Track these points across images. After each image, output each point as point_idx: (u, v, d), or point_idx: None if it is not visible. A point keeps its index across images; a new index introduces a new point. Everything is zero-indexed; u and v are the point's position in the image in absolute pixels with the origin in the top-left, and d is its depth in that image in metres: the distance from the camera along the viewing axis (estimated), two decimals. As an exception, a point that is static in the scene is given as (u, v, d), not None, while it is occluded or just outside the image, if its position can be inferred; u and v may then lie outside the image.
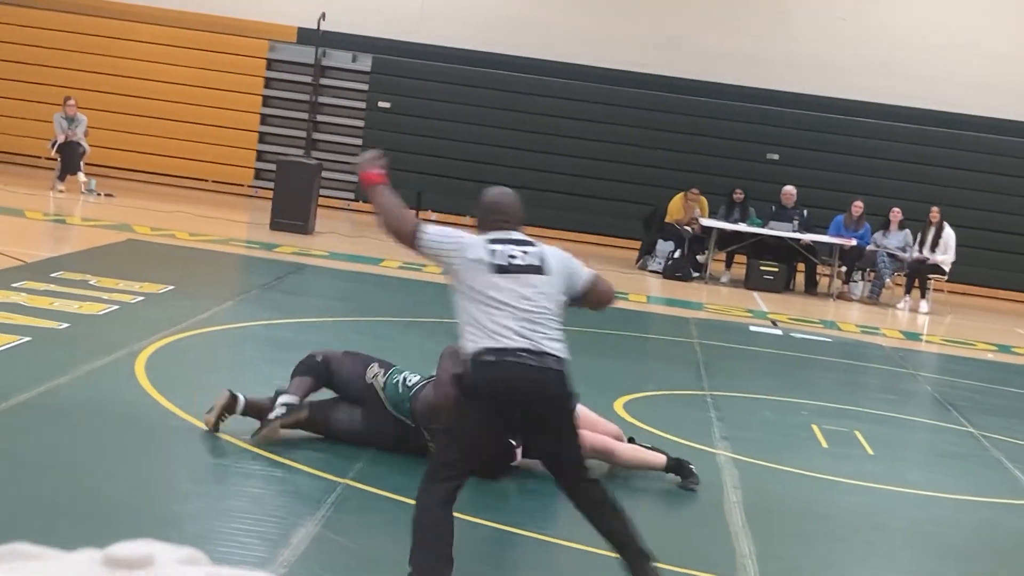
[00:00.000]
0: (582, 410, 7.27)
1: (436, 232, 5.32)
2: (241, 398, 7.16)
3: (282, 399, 7.14)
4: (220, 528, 5.82)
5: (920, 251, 19.29)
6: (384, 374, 7.33)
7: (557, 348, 5.27)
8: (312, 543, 5.74)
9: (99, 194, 19.94)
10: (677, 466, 7.63)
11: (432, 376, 7.27)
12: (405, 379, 7.29)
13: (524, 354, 5.15)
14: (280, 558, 5.50)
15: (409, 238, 5.28)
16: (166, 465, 6.76)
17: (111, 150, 22.64)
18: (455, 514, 5.17)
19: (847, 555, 6.80)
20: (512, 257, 5.31)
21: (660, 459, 7.64)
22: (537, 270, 5.34)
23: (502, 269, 5.26)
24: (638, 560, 5.24)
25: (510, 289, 5.22)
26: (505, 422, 5.35)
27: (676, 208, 20.33)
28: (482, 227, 5.47)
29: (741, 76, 23.20)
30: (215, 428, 7.10)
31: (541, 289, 5.31)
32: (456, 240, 5.33)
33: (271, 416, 7.05)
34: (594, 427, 7.68)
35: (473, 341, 5.20)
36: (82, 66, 23.30)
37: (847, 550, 6.89)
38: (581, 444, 6.84)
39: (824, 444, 9.24)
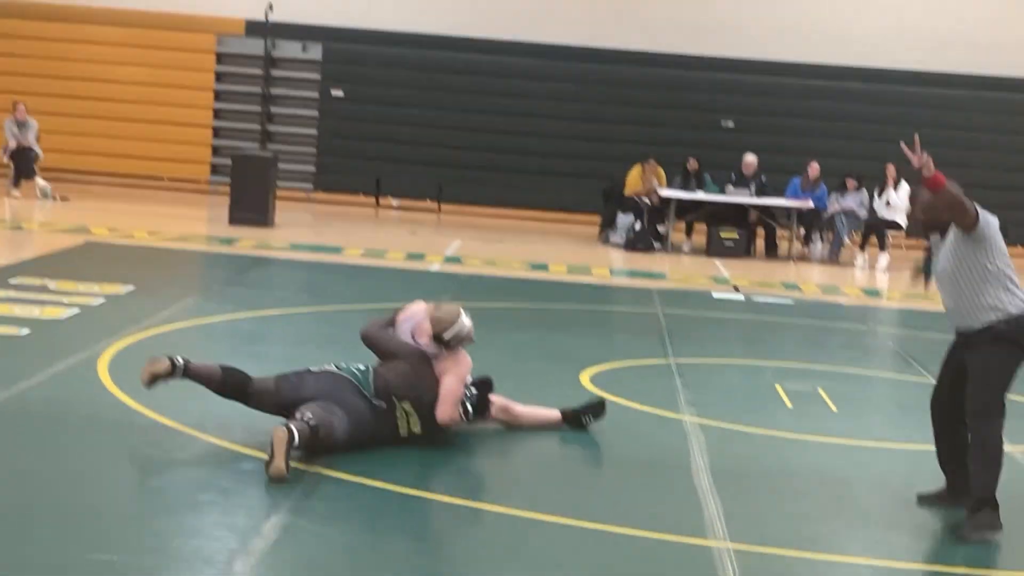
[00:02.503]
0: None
1: (984, 215, 6.49)
2: (180, 364, 7.10)
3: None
4: (190, 522, 5.85)
5: (878, 207, 19.42)
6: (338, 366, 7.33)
7: None
8: (284, 532, 5.77)
9: (55, 198, 19.84)
10: (575, 416, 7.98)
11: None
12: (356, 366, 7.32)
13: None
14: (251, 548, 5.53)
15: (973, 220, 6.44)
16: (134, 463, 6.77)
17: (65, 154, 22.51)
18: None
19: (815, 511, 6.88)
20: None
21: (556, 414, 7.97)
22: None
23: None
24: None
25: None
26: None
27: (634, 180, 20.38)
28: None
29: (691, 45, 23.25)
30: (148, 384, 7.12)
31: None
32: (993, 222, 6.56)
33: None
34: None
35: (1013, 301, 6.51)
36: (30, 71, 23.14)
37: (814, 506, 6.97)
38: (490, 405, 7.13)
39: (789, 404, 9.33)
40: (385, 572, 5.55)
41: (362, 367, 7.32)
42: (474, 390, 7.58)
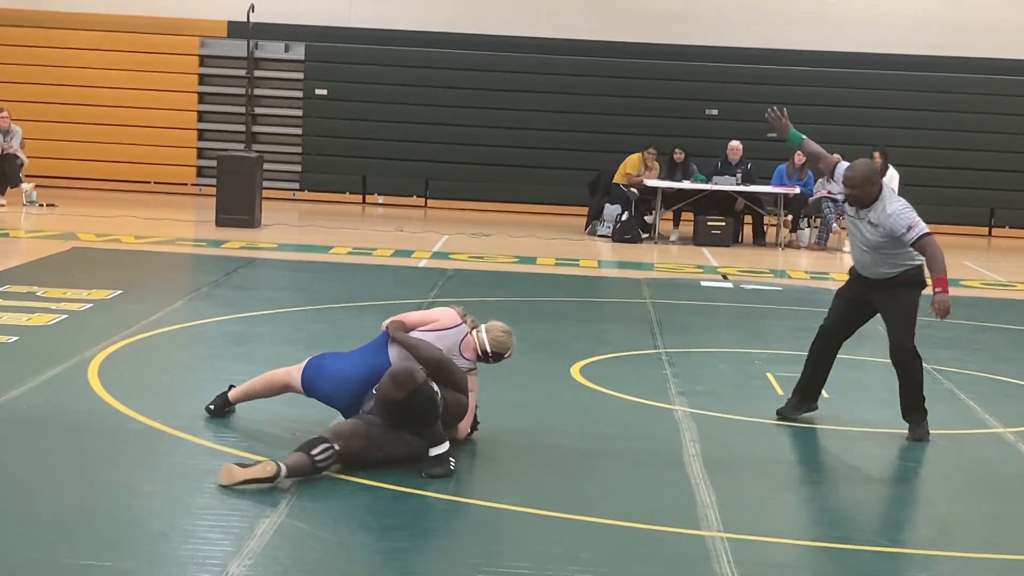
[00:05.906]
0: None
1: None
2: (283, 469, 6.44)
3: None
4: (183, 525, 5.84)
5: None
6: None
7: None
8: (276, 533, 5.77)
9: (41, 205, 19.79)
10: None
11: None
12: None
13: None
14: (246, 550, 5.53)
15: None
16: (126, 468, 6.76)
17: (50, 160, 22.45)
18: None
19: (807, 497, 6.90)
20: None
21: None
22: None
23: None
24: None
25: None
26: None
27: (634, 163, 20.22)
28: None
29: (673, 35, 23.28)
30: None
31: None
32: None
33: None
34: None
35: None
36: (13, 77, 23.08)
37: (807, 492, 6.99)
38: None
39: (780, 391, 9.33)
40: (381, 571, 5.55)
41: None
42: None
